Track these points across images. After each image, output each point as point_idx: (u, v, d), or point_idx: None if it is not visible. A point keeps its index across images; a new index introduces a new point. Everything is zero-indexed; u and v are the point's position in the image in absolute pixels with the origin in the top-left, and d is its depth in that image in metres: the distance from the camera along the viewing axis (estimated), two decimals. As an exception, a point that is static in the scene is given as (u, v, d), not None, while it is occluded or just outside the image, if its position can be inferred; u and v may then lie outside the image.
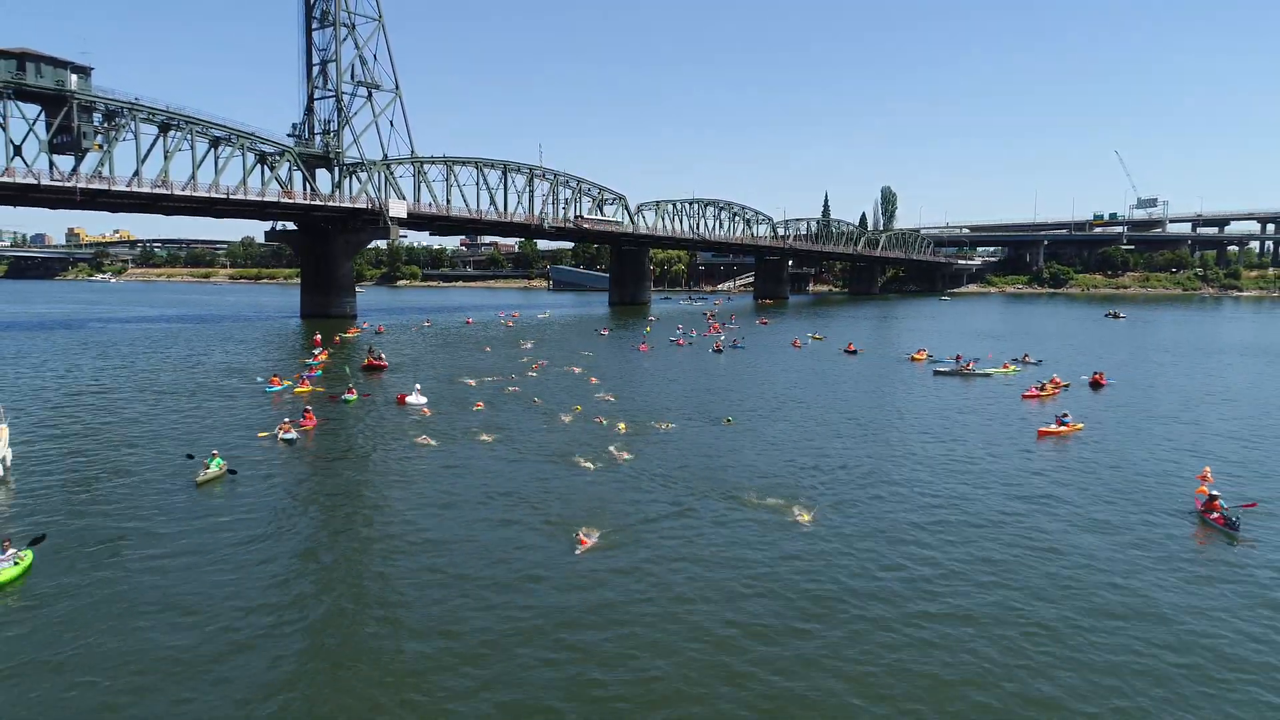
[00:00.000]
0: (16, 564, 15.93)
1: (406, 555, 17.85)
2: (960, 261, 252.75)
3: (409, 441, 29.09)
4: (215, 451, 24.83)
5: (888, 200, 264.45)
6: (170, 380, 43.95)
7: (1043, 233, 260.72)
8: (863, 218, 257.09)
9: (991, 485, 23.84)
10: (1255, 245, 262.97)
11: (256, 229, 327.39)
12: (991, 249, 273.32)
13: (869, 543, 18.58)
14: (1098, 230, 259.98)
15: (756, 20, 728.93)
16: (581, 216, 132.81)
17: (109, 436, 29.43)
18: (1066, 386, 42.69)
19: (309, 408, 33.10)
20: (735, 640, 13.77)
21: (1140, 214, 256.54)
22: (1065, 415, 31.65)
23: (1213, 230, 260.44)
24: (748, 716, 11.58)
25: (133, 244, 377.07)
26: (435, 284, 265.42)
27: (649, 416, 33.30)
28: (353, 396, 38.24)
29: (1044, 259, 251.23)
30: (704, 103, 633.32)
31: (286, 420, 30.10)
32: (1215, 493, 20.23)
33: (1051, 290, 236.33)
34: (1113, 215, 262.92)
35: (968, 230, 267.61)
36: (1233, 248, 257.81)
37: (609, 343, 70.21)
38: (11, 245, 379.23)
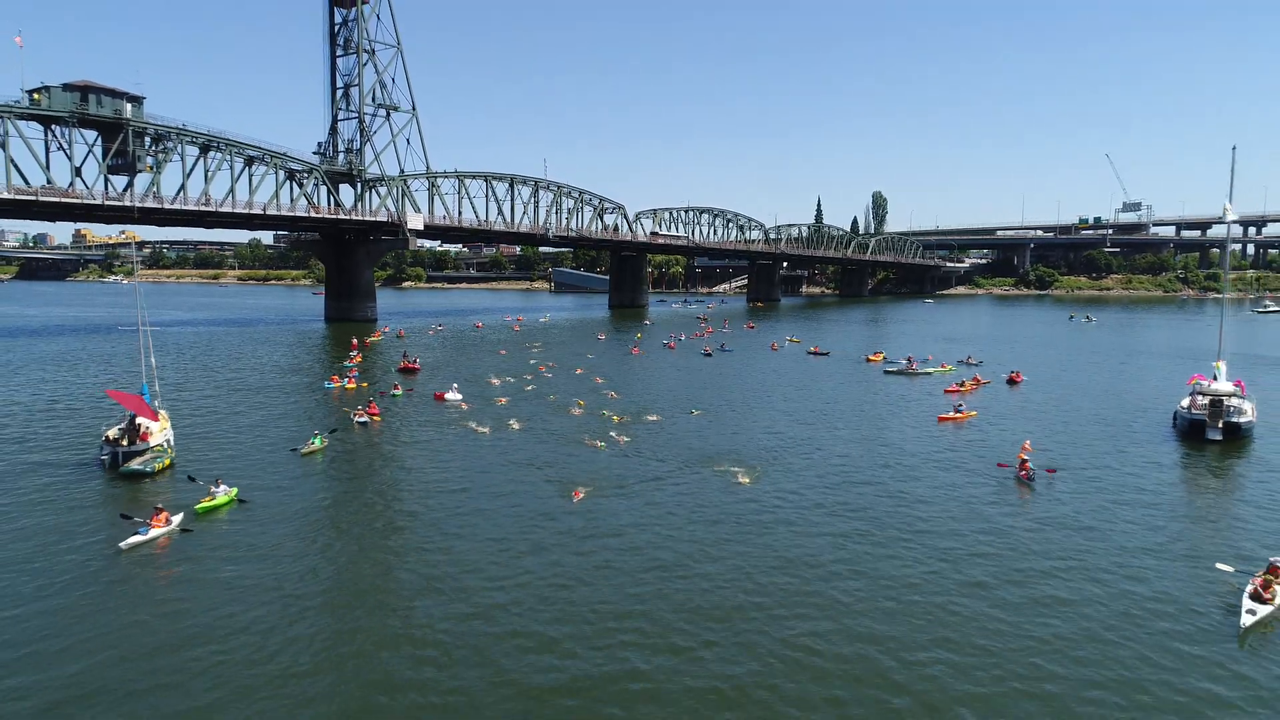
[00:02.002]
0: (226, 495, 24.62)
1: (460, 504, 26.18)
2: (949, 264, 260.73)
3: (453, 426, 37.64)
4: (317, 431, 33.54)
5: (878, 205, 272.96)
6: (250, 380, 52.64)
7: (1029, 236, 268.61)
8: (854, 222, 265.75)
9: (886, 454, 32.41)
10: (1237, 247, 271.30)
11: (265, 232, 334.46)
12: (981, 252, 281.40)
13: (785, 495, 27.01)
14: (1083, 234, 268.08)
15: (751, 30, 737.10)
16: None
17: (226, 422, 38.01)
18: (987, 383, 51.45)
19: (372, 400, 41.87)
20: (679, 559, 21.89)
21: (1126, 218, 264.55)
22: (960, 405, 40.38)
23: (1195, 233, 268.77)
24: (684, 608, 20.02)
25: (140, 245, 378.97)
26: (440, 285, 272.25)
27: (640, 409, 41.67)
28: (399, 392, 46.93)
29: (1030, 262, 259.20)
30: (701, 112, 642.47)
31: (360, 408, 38.93)
32: (1027, 458, 28.84)
33: (1038, 292, 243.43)
34: (1097, 219, 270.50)
35: (957, 234, 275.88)
36: (1215, 250, 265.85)
37: (607, 346, 78.73)
38: (20, 246, 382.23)
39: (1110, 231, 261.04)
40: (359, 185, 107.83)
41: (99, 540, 21.81)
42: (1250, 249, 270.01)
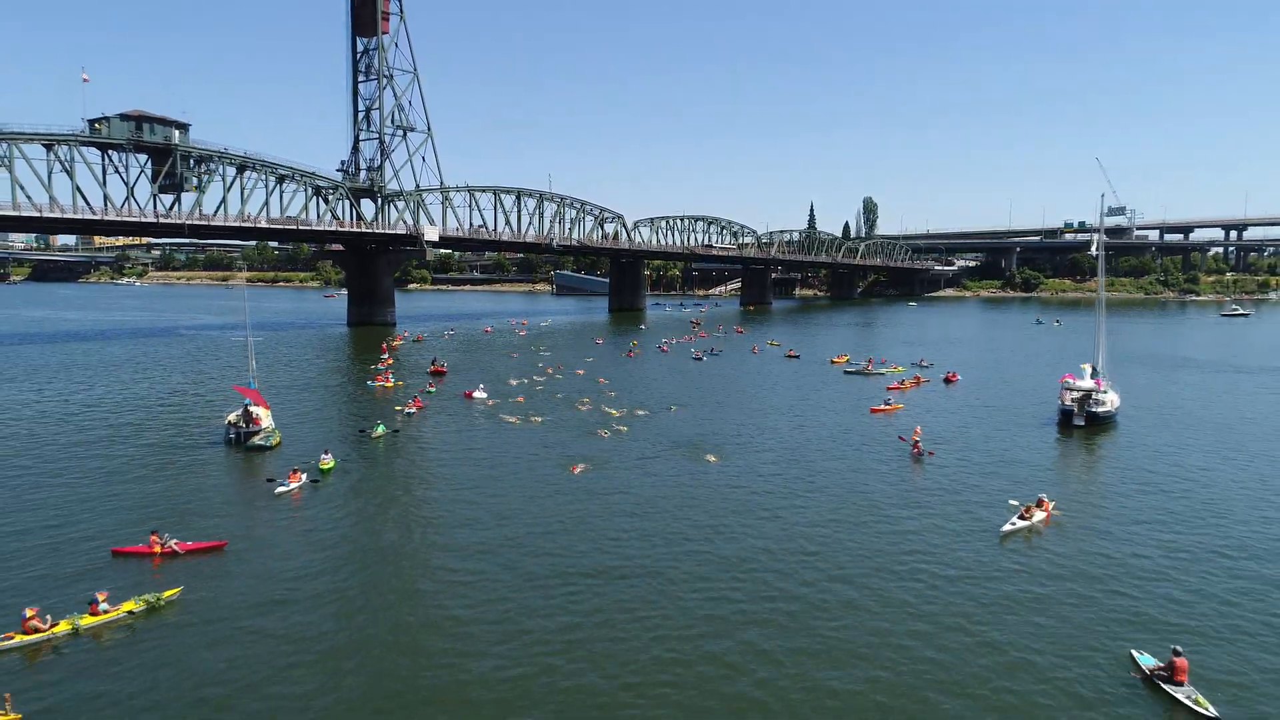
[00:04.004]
0: (332, 461, 34.18)
1: (491, 474, 35.40)
2: (937, 267, 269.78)
3: (482, 419, 47.02)
4: (379, 421, 43.03)
5: (869, 210, 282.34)
6: (305, 379, 62.25)
7: (1016, 240, 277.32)
8: (846, 227, 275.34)
9: (821, 438, 41.71)
10: (1219, 250, 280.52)
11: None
12: (973, 254, 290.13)
13: (741, 470, 36.27)
14: (1067, 237, 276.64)
15: (746, 39, 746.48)
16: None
17: (304, 412, 47.43)
18: (927, 382, 61.01)
19: (417, 395, 51.37)
20: (650, 515, 31.26)
21: (1113, 221, 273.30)
22: (889, 399, 49.96)
23: (1178, 237, 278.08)
24: (650, 549, 29.34)
25: (148, 247, 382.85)
26: (444, 288, 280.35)
27: (634, 406, 50.79)
28: (432, 390, 56.36)
29: (1017, 265, 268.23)
30: (697, 120, 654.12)
31: (408, 401, 48.43)
32: (919, 439, 38.31)
33: (1024, 295, 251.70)
34: (1082, 224, 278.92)
35: (946, 237, 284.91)
36: (1196, 254, 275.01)
37: (605, 349, 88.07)
38: (27, 247, 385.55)
39: (1095, 235, 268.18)
40: (379, 200, 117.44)
41: (252, 489, 31.42)
42: (1233, 252, 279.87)
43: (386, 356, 75.34)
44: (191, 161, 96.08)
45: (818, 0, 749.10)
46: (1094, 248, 50.53)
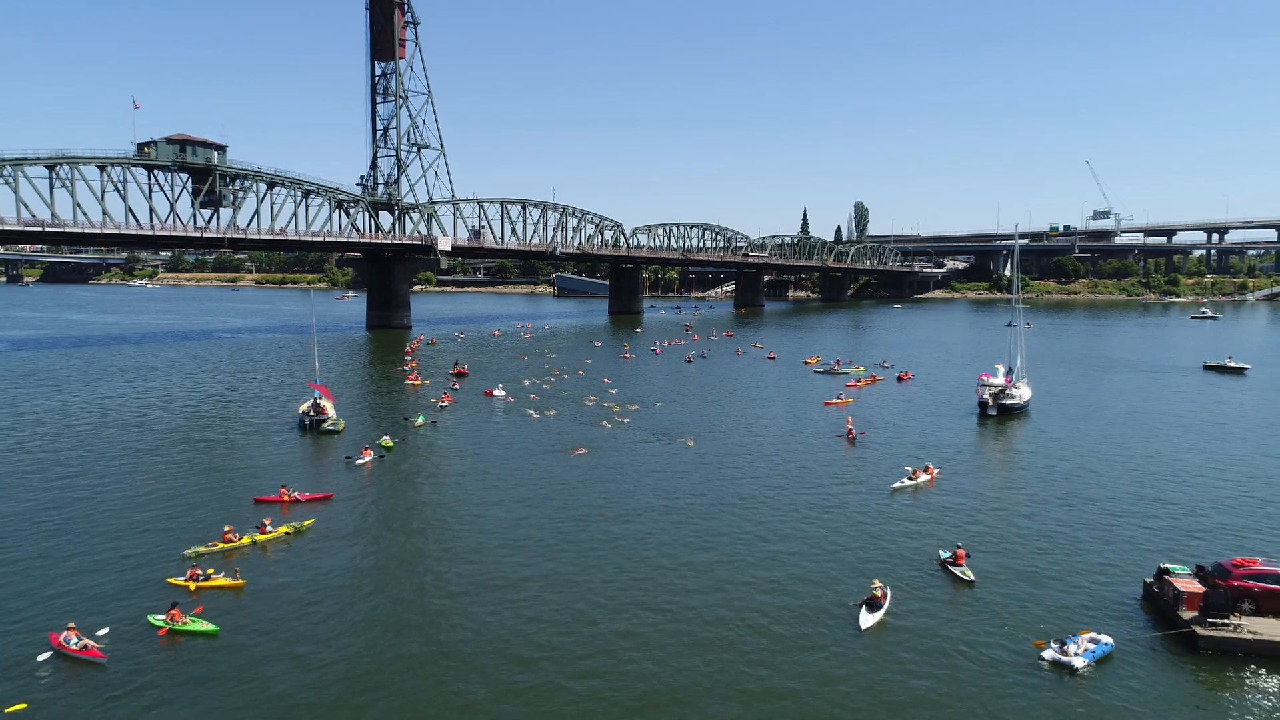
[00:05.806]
0: (392, 443, 43.65)
1: (515, 455, 44.83)
2: (926, 270, 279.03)
3: (502, 413, 56.40)
4: (420, 413, 52.53)
5: (860, 214, 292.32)
6: (345, 378, 71.63)
7: (1003, 243, 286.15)
8: (838, 231, 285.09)
9: (781, 426, 51.13)
10: (1200, 253, 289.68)
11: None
12: (960, 257, 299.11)
13: (710, 450, 45.67)
14: (1053, 240, 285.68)
15: (741, 50, 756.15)
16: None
17: (355, 406, 56.81)
18: (881, 380, 70.45)
19: (446, 392, 60.86)
20: (639, 484, 40.71)
21: (1098, 225, 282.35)
22: (841, 393, 59.46)
23: (1161, 240, 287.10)
24: (650, 517, 38.80)
25: (156, 249, 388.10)
26: (449, 290, 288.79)
27: (630, 402, 60.15)
28: (457, 388, 65.80)
29: (1004, 267, 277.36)
30: (695, 130, 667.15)
31: (441, 397, 57.96)
32: (851, 426, 47.75)
33: (1009, 296, 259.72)
34: (1067, 227, 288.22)
35: (935, 240, 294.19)
36: (1178, 256, 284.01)
37: (603, 352, 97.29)
38: (42, 249, 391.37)
39: (1077, 239, 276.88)
40: (396, 212, 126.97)
41: (335, 461, 41.04)
42: (1214, 255, 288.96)
43: (411, 359, 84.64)
44: (228, 179, 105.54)
45: (812, 11, 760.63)
46: (1007, 268, 59.80)
